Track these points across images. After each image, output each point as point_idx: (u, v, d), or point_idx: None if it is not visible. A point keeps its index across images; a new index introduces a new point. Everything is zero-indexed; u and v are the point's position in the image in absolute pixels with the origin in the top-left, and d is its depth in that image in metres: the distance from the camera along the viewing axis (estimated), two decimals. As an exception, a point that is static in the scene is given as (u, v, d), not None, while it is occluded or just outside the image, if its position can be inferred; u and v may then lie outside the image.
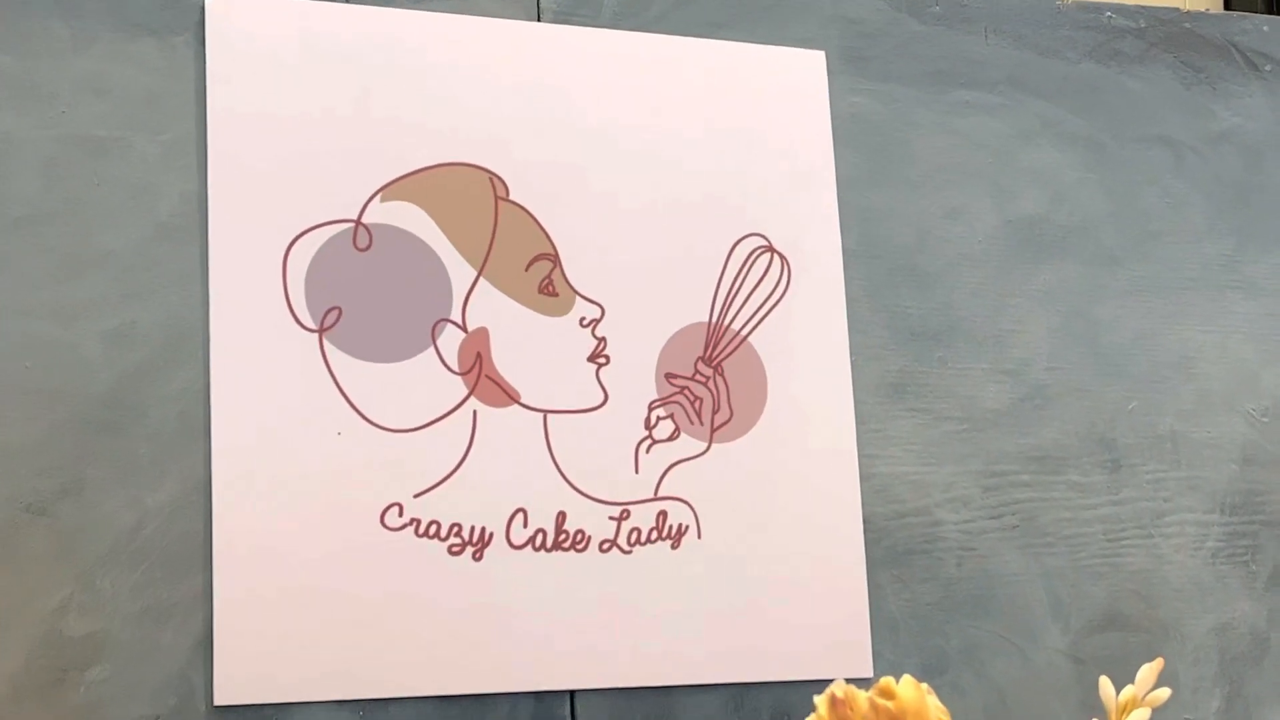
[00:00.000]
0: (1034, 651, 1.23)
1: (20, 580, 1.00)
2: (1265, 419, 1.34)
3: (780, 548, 1.17)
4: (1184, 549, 1.29)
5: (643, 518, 1.15)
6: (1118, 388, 1.30)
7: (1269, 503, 1.32)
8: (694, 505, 1.16)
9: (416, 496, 1.09)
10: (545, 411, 1.14)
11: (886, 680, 0.80)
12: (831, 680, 0.90)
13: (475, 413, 1.12)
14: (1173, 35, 1.37)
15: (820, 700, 0.80)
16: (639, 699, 1.13)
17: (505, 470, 1.12)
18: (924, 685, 0.80)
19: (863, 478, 1.20)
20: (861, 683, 0.82)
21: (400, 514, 1.09)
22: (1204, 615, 1.28)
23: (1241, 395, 1.33)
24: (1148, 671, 0.82)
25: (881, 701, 0.79)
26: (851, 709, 0.79)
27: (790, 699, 1.16)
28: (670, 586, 1.14)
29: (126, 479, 1.04)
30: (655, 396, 1.17)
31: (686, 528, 1.16)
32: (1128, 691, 0.83)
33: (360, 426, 1.09)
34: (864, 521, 1.20)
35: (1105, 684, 0.83)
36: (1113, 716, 0.82)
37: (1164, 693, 0.83)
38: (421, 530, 1.09)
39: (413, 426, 1.10)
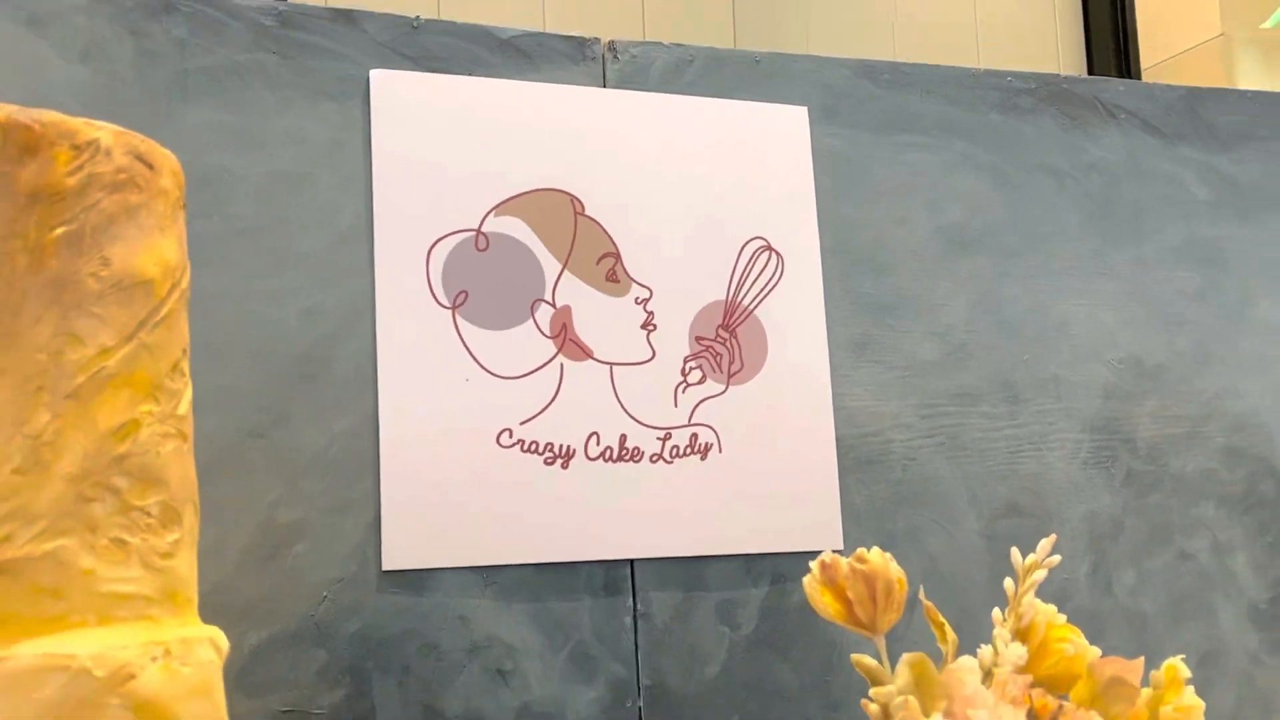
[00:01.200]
0: (957, 532, 1.25)
1: (246, 485, 1.03)
2: (1121, 365, 1.34)
3: (778, 459, 1.18)
4: (1064, 459, 1.30)
5: (680, 439, 1.16)
6: (1016, 345, 1.31)
7: (1123, 426, 1.33)
8: (717, 429, 1.17)
9: (522, 424, 1.11)
10: (611, 364, 1.15)
11: (861, 550, 0.81)
12: (816, 551, 0.89)
13: (562, 365, 1.13)
14: (1055, 93, 1.37)
15: (814, 564, 0.82)
16: (678, 565, 1.15)
17: (583, 405, 1.13)
18: (888, 554, 0.81)
19: (835, 409, 1.21)
20: (836, 553, 0.82)
21: (510, 436, 1.10)
22: (1078, 505, 1.29)
23: (1104, 349, 1.34)
24: (1045, 544, 0.83)
25: (858, 565, 0.80)
26: (836, 570, 0.81)
27: (785, 564, 1.18)
28: (700, 487, 1.16)
29: (319, 413, 1.06)
30: (688, 353, 1.17)
31: (711, 445, 1.16)
32: (1031, 558, 0.84)
33: (481, 375, 1.10)
34: (836, 440, 1.21)
35: (1015, 553, 0.84)
36: (1021, 575, 0.83)
37: (1055, 559, 0.84)
38: (525, 448, 1.10)
39: (518, 375, 1.11)
